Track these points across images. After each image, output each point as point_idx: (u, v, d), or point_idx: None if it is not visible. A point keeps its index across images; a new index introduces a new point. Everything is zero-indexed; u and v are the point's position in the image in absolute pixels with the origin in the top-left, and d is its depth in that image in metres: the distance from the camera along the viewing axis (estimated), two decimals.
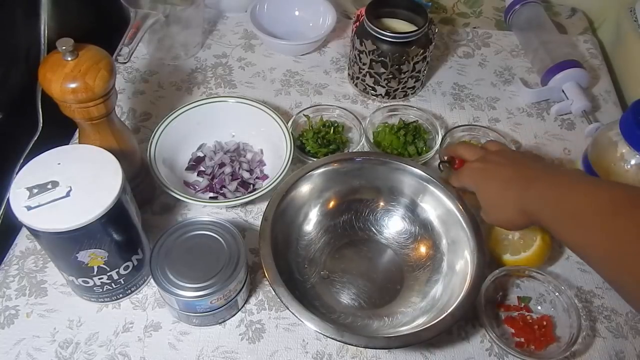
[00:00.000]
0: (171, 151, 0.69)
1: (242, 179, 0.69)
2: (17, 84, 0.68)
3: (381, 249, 0.65)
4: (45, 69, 0.49)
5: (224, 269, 0.53)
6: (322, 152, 0.71)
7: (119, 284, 0.56)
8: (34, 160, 0.51)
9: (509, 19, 0.92)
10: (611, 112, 0.82)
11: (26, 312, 0.58)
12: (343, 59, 0.88)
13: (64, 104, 0.51)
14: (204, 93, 0.82)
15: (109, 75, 0.51)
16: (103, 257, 0.52)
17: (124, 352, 0.56)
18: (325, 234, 0.65)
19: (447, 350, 0.58)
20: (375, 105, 0.81)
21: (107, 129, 0.56)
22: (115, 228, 0.51)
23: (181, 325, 0.58)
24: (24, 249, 0.63)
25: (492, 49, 0.92)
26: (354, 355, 0.57)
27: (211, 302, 0.53)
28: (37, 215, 0.47)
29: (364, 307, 0.60)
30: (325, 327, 0.51)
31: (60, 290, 0.60)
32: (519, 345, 0.58)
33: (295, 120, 0.74)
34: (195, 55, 0.87)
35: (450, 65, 0.89)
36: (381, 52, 0.74)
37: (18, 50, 0.68)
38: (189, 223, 0.56)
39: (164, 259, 0.53)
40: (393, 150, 0.72)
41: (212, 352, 0.57)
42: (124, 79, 0.82)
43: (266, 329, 0.59)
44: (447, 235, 0.62)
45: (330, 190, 0.65)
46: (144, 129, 0.76)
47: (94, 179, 0.49)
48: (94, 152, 0.52)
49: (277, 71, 0.85)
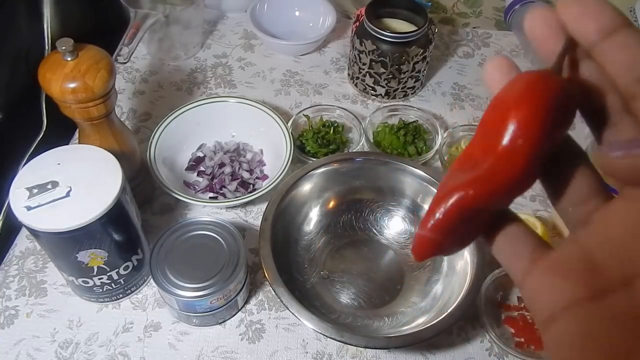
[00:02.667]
0: (171, 151, 0.69)
1: (242, 179, 0.69)
2: (21, 84, 0.68)
3: (381, 249, 0.65)
4: (45, 69, 0.49)
5: (224, 269, 0.53)
6: (322, 152, 0.71)
7: (119, 284, 0.56)
8: (34, 160, 0.51)
9: (509, 19, 0.92)
10: None
11: (26, 312, 0.58)
12: (343, 59, 0.88)
13: (63, 104, 0.51)
14: (204, 93, 0.82)
15: (109, 75, 0.51)
16: (103, 257, 0.52)
17: (124, 352, 0.56)
18: (325, 234, 0.65)
19: (447, 350, 0.58)
20: (375, 105, 0.81)
21: (107, 129, 0.56)
22: (115, 228, 0.51)
23: (181, 325, 0.58)
24: (24, 249, 0.63)
25: (492, 49, 0.92)
26: (354, 355, 0.57)
27: (211, 302, 0.53)
28: (37, 215, 0.47)
29: (364, 307, 0.60)
30: (325, 327, 0.51)
31: (60, 291, 0.60)
32: (519, 345, 0.58)
33: (295, 120, 0.74)
34: (195, 55, 0.87)
35: (450, 65, 0.89)
36: (381, 52, 0.74)
37: (21, 51, 0.68)
38: (189, 223, 0.56)
39: (164, 259, 0.53)
40: (393, 150, 0.72)
41: (212, 352, 0.57)
42: (124, 79, 0.82)
43: (266, 329, 0.59)
44: None
45: (330, 190, 0.65)
46: (144, 129, 0.76)
47: (94, 179, 0.49)
48: (94, 152, 0.52)
49: (277, 71, 0.85)
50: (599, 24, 0.20)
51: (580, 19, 0.20)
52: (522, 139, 0.21)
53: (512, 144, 0.21)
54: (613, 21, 0.20)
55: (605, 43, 0.20)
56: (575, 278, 0.21)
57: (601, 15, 0.20)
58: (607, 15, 0.20)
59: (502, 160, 0.21)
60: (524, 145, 0.21)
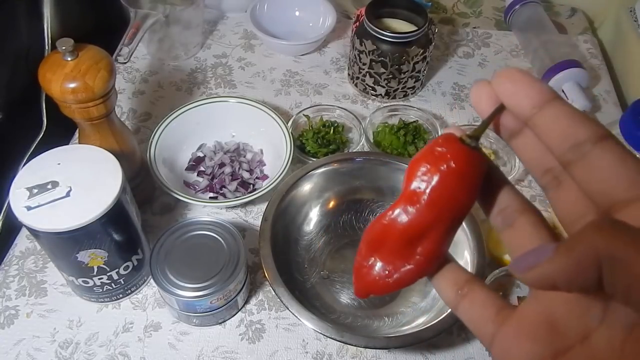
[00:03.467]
0: (171, 151, 0.69)
1: (242, 179, 0.69)
2: (21, 84, 0.68)
3: None
4: (45, 69, 0.49)
5: (224, 269, 0.53)
6: (322, 152, 0.71)
7: (119, 284, 0.56)
8: (34, 160, 0.51)
9: (509, 19, 0.92)
10: (611, 112, 0.82)
11: (26, 312, 0.58)
12: (343, 59, 0.88)
13: (63, 104, 0.51)
14: (204, 93, 0.82)
15: (109, 75, 0.51)
16: (103, 257, 0.52)
17: (124, 352, 0.56)
18: (325, 234, 0.65)
19: (447, 350, 0.58)
20: (375, 105, 0.81)
21: (107, 129, 0.55)
22: (115, 228, 0.51)
23: (181, 325, 0.58)
24: (24, 249, 0.63)
25: (492, 49, 0.92)
26: (354, 355, 0.57)
27: (211, 302, 0.53)
28: (37, 215, 0.47)
29: (364, 307, 0.60)
30: (325, 327, 0.51)
31: (60, 290, 0.60)
32: None
33: (295, 120, 0.74)
34: (195, 55, 0.87)
35: (450, 65, 0.89)
36: (381, 52, 0.74)
37: (21, 51, 0.68)
38: (189, 223, 0.56)
39: (164, 259, 0.53)
40: (393, 150, 0.72)
41: (212, 352, 0.57)
42: (124, 79, 0.82)
43: (266, 329, 0.59)
44: None
45: (330, 190, 0.65)
46: (144, 129, 0.76)
47: (94, 179, 0.49)
48: (94, 152, 0.52)
49: (277, 71, 0.85)
50: (530, 99, 0.21)
51: (513, 96, 0.22)
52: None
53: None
54: (543, 95, 0.21)
55: (538, 117, 0.21)
56: (540, 340, 0.23)
57: (531, 90, 0.21)
58: (536, 90, 0.21)
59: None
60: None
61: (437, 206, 0.24)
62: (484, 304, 0.25)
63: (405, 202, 0.25)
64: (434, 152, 0.24)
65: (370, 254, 0.27)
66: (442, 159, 0.23)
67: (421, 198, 0.24)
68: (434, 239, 0.25)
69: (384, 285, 0.27)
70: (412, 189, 0.24)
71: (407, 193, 0.25)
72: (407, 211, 0.25)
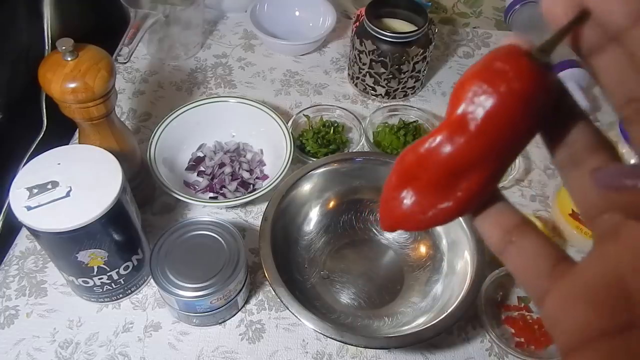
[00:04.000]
0: (171, 151, 0.69)
1: (242, 179, 0.69)
2: (21, 84, 0.68)
3: (381, 249, 0.65)
4: (45, 69, 0.49)
5: (224, 269, 0.53)
6: (322, 152, 0.71)
7: (119, 284, 0.56)
8: (34, 160, 0.51)
9: (509, 19, 0.92)
10: (611, 112, 0.82)
11: (26, 312, 0.58)
12: (343, 59, 0.88)
13: (63, 104, 0.51)
14: (204, 93, 0.82)
15: (109, 75, 0.51)
16: (103, 257, 0.52)
17: (124, 352, 0.56)
18: (325, 234, 0.65)
19: (447, 350, 0.58)
20: (375, 105, 0.81)
21: (107, 129, 0.55)
22: (115, 228, 0.51)
23: (181, 325, 0.58)
24: (24, 249, 0.63)
25: (492, 49, 0.91)
26: (354, 355, 0.57)
27: (211, 302, 0.53)
28: (37, 215, 0.47)
29: (364, 307, 0.60)
30: (325, 327, 0.51)
31: (60, 290, 0.60)
32: (519, 345, 0.58)
33: (295, 120, 0.74)
34: (195, 55, 0.87)
35: (450, 65, 0.89)
36: (381, 52, 0.74)
37: (21, 51, 0.68)
38: (189, 223, 0.56)
39: (164, 259, 0.53)
40: (393, 150, 0.72)
41: (212, 352, 0.57)
42: (124, 79, 0.82)
43: (266, 329, 0.59)
44: (447, 235, 0.62)
45: (330, 190, 0.65)
46: (144, 129, 0.76)
47: (94, 179, 0.49)
48: (94, 152, 0.52)
49: (277, 71, 0.85)
50: (626, 5, 0.16)
51: (605, 1, 0.17)
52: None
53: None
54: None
55: (635, 30, 0.17)
56: (601, 307, 0.18)
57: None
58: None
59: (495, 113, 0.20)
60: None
61: (491, 136, 0.19)
62: (537, 255, 0.21)
63: (449, 129, 0.20)
64: (492, 67, 0.19)
65: (403, 186, 0.23)
66: (502, 77, 0.18)
67: (471, 125, 0.19)
68: (482, 175, 0.20)
69: (416, 221, 0.23)
70: (459, 114, 0.19)
71: (452, 118, 0.20)
72: (451, 140, 0.20)
